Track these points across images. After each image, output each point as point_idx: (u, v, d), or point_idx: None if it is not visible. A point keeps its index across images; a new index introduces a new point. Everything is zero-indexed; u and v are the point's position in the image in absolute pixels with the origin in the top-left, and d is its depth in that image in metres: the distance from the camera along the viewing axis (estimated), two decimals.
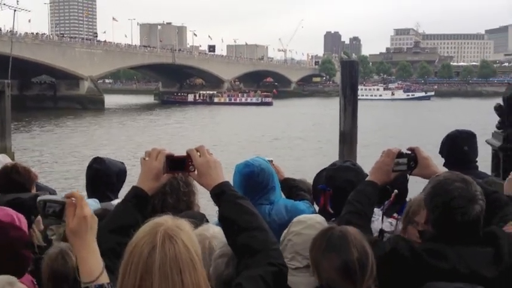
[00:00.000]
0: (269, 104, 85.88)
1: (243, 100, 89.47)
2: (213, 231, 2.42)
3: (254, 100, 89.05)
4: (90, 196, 3.73)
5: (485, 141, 5.57)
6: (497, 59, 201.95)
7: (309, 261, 2.50)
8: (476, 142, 4.15)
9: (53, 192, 3.80)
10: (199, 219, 2.73)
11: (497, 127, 5.36)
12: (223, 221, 2.03)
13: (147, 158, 2.22)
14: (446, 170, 3.89)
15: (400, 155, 2.66)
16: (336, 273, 2.02)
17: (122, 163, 3.99)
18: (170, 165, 2.17)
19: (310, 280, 2.49)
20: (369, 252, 2.05)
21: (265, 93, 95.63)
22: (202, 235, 2.35)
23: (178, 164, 2.15)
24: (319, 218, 2.70)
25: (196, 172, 2.13)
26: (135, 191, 2.18)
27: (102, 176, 3.76)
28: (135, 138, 36.79)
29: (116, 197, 3.74)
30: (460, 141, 4.07)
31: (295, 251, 2.53)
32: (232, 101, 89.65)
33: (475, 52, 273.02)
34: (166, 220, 1.68)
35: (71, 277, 2.27)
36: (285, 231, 2.63)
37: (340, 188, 3.12)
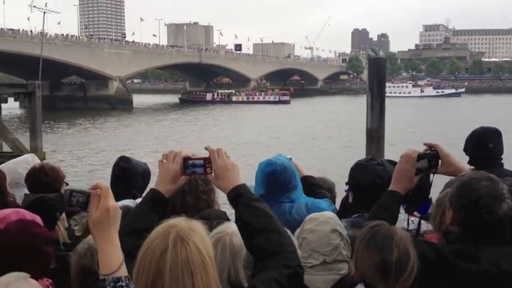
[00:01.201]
0: (286, 102, 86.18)
1: (261, 98, 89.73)
2: (234, 228, 2.43)
3: (272, 98, 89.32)
4: (114, 193, 3.77)
5: None
6: None
7: (324, 257, 2.52)
8: (501, 139, 4.06)
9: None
10: (219, 218, 2.75)
11: None
12: (240, 224, 2.04)
13: (164, 161, 2.22)
14: (470, 166, 3.87)
15: (420, 157, 2.60)
16: (372, 269, 2.03)
17: (146, 164, 4.04)
18: (188, 167, 2.17)
19: (327, 278, 2.51)
20: (411, 256, 2.03)
21: (282, 92, 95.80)
22: (223, 232, 2.35)
23: (196, 166, 2.15)
24: (331, 214, 2.71)
25: (213, 174, 2.13)
26: (153, 194, 2.21)
27: (128, 175, 3.81)
28: (161, 138, 37.11)
29: (140, 196, 3.78)
30: (485, 138, 3.97)
31: (311, 249, 2.53)
32: (250, 99, 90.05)
33: (507, 48, 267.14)
34: (179, 222, 1.69)
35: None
36: (298, 230, 2.63)
37: (356, 184, 3.14)
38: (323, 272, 2.52)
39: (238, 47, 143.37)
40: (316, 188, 3.64)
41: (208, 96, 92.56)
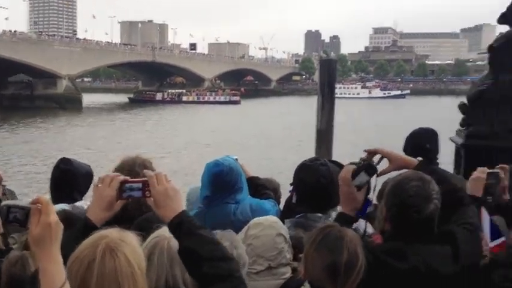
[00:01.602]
0: (237, 102, 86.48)
1: (211, 99, 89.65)
2: None
3: (222, 99, 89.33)
4: (54, 197, 3.70)
5: (449, 138, 5.69)
6: (471, 57, 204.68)
7: (269, 262, 2.54)
8: (437, 140, 4.24)
9: (10, 194, 3.75)
10: (160, 222, 2.76)
11: (461, 125, 5.49)
12: (184, 253, 1.96)
13: (100, 185, 2.10)
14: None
15: (355, 173, 2.57)
16: (322, 271, 2.05)
17: (88, 166, 3.94)
18: (125, 190, 2.06)
19: (271, 283, 2.54)
20: (359, 259, 2.06)
21: (233, 92, 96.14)
22: (161, 236, 2.30)
23: (134, 190, 2.04)
24: (274, 218, 2.74)
25: (152, 200, 2.03)
26: (84, 223, 2.09)
27: (68, 177, 3.71)
28: (109, 139, 36.42)
29: (81, 199, 3.71)
30: (422, 138, 4.16)
31: (256, 254, 2.55)
32: (201, 99, 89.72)
33: (450, 51, 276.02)
34: (110, 232, 1.67)
35: (27, 285, 2.25)
36: (242, 235, 2.63)
37: (301, 184, 3.19)
38: (268, 277, 2.54)
39: (193, 46, 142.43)
40: (261, 188, 3.67)
41: (158, 96, 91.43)
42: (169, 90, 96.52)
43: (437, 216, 2.34)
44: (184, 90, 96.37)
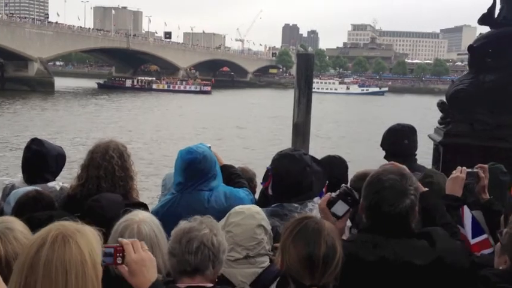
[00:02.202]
0: (207, 92, 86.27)
1: (182, 88, 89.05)
2: (142, 216, 2.37)
3: (193, 88, 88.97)
4: (26, 177, 3.63)
5: (428, 135, 5.73)
6: (450, 58, 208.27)
7: (248, 251, 2.52)
8: (416, 136, 4.26)
9: None
10: (118, 203, 2.71)
11: (439, 123, 5.53)
12: None
13: None
14: (386, 161, 4.02)
15: (331, 202, 2.58)
16: (299, 262, 2.01)
17: (61, 147, 3.88)
18: None
19: (248, 272, 2.52)
20: (337, 251, 2.03)
21: (204, 82, 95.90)
22: (131, 220, 2.30)
23: (105, 255, 1.89)
24: (257, 208, 2.69)
25: (126, 269, 1.94)
26: None
27: (40, 157, 3.64)
28: (79, 124, 35.96)
29: (53, 180, 3.64)
30: (401, 134, 4.15)
31: (234, 242, 2.52)
32: (171, 88, 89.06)
33: (430, 50, 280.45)
34: (69, 223, 1.64)
35: None
36: (222, 222, 2.60)
37: (279, 174, 3.14)
38: (245, 266, 2.52)
39: (167, 34, 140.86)
40: (235, 177, 3.63)
41: (128, 83, 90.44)
42: (139, 78, 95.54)
43: (413, 214, 2.31)
44: (154, 78, 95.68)
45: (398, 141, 4.12)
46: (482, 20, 5.58)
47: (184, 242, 2.10)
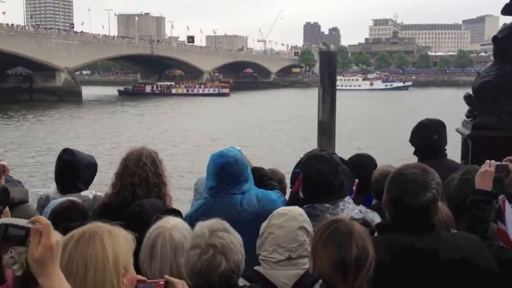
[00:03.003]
0: (226, 94, 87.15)
1: (200, 91, 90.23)
2: (174, 222, 2.41)
3: (211, 91, 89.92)
4: (59, 187, 3.72)
5: (456, 129, 5.67)
6: (474, 49, 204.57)
7: (290, 253, 2.54)
8: (445, 131, 4.20)
9: (19, 184, 3.78)
10: (155, 207, 2.76)
11: (467, 116, 5.46)
12: None
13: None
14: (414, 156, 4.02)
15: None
16: (330, 266, 1.99)
17: (92, 157, 3.97)
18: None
19: (291, 273, 2.54)
20: (369, 253, 2.01)
21: (222, 84, 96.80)
22: (162, 227, 2.36)
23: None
24: (299, 210, 2.71)
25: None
26: None
27: (72, 167, 3.73)
28: (110, 132, 36.47)
29: (86, 189, 3.72)
30: (430, 129, 4.11)
31: (277, 244, 2.55)
32: (190, 92, 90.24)
33: (453, 42, 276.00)
34: (104, 225, 1.73)
35: None
36: (265, 223, 2.63)
37: (310, 175, 3.16)
38: (288, 267, 2.54)
39: (190, 39, 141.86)
40: (266, 179, 3.65)
41: (148, 89, 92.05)
42: (159, 83, 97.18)
43: (435, 208, 2.33)
44: (173, 83, 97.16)
45: (428, 136, 4.07)
46: (506, 10, 5.50)
47: None
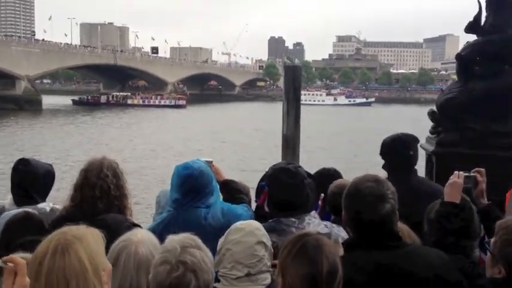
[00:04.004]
0: (182, 106, 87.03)
1: (157, 102, 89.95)
2: (141, 236, 2.31)
3: (167, 102, 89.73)
4: (15, 199, 3.57)
5: (419, 145, 5.73)
6: (435, 67, 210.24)
7: (249, 269, 2.47)
8: (418, 147, 4.18)
9: None
10: (124, 224, 2.66)
11: (431, 132, 5.53)
12: None
13: None
14: (383, 171, 3.99)
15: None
16: (300, 282, 1.93)
17: (50, 165, 3.80)
18: None
19: None
20: (339, 268, 1.97)
21: (179, 96, 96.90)
22: (129, 240, 2.26)
23: None
24: (257, 224, 2.65)
25: None
26: None
27: (28, 178, 3.58)
28: (68, 141, 36.04)
29: (43, 200, 3.58)
30: (407, 145, 3.98)
31: (235, 260, 2.48)
32: (146, 103, 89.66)
33: (414, 60, 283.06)
34: (70, 229, 1.68)
35: None
36: (222, 239, 2.57)
37: (275, 189, 3.11)
38: (247, 283, 2.48)
39: (154, 50, 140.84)
40: (235, 192, 3.60)
41: (103, 99, 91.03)
42: (114, 93, 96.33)
43: (395, 218, 2.29)
44: (129, 93, 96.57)
45: (404, 151, 3.94)
46: (469, 28, 5.63)
47: None
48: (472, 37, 5.76)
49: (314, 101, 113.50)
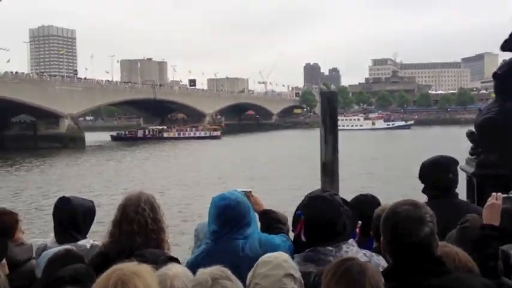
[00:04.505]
0: (217, 137, 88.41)
1: (192, 134, 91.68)
2: (176, 270, 2.34)
3: (202, 134, 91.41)
4: (57, 236, 3.65)
5: (459, 167, 5.61)
6: (474, 86, 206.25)
7: None
8: (457, 169, 4.08)
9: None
10: (161, 258, 2.68)
11: (470, 153, 5.41)
12: None
13: None
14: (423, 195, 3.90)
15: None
16: None
17: (91, 201, 3.88)
18: None
19: None
20: None
21: (213, 127, 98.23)
22: (164, 275, 2.28)
23: None
24: (284, 256, 2.63)
25: None
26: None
27: (67, 216, 3.65)
28: (111, 177, 36.85)
29: (84, 237, 3.65)
30: (446, 168, 3.93)
31: None
32: (181, 135, 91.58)
33: (453, 80, 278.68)
34: (126, 266, 1.74)
35: None
36: (250, 273, 2.54)
37: (312, 217, 3.08)
38: None
39: (192, 82, 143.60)
40: (274, 222, 3.56)
41: (140, 133, 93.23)
42: (150, 127, 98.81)
43: (436, 241, 2.25)
44: (165, 127, 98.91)
45: (444, 174, 3.88)
46: (504, 46, 5.54)
47: None
48: (510, 55, 5.66)
49: (352, 126, 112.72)
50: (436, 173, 3.92)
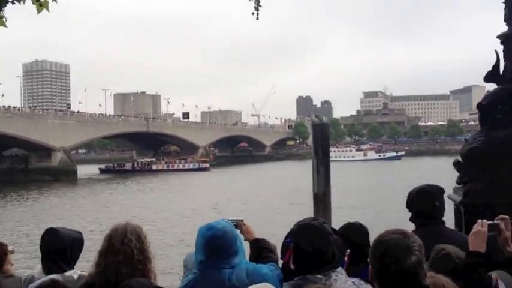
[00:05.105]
0: (206, 169, 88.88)
1: (181, 166, 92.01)
2: None
3: (191, 166, 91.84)
4: (44, 267, 3.63)
5: (447, 196, 5.66)
6: (463, 118, 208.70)
7: None
8: (443, 197, 4.16)
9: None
10: (147, 287, 2.66)
11: (457, 182, 5.46)
12: None
13: None
14: (411, 223, 3.93)
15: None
16: None
17: (79, 233, 3.85)
18: None
19: None
20: None
21: (202, 159, 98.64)
22: None
23: None
24: (270, 287, 2.62)
25: None
26: None
27: (54, 247, 3.62)
28: (102, 210, 36.67)
29: (71, 268, 3.62)
30: (432, 196, 3.99)
31: None
32: (170, 167, 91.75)
33: (442, 112, 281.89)
34: None
35: None
36: None
37: (300, 245, 3.09)
38: None
39: (185, 115, 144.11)
40: (263, 251, 3.57)
41: (128, 166, 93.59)
42: (139, 160, 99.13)
43: (423, 271, 2.27)
44: (154, 159, 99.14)
45: (430, 203, 3.95)
46: (488, 78, 5.66)
47: None
48: (495, 86, 5.78)
49: (344, 157, 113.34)
50: (423, 202, 3.98)
